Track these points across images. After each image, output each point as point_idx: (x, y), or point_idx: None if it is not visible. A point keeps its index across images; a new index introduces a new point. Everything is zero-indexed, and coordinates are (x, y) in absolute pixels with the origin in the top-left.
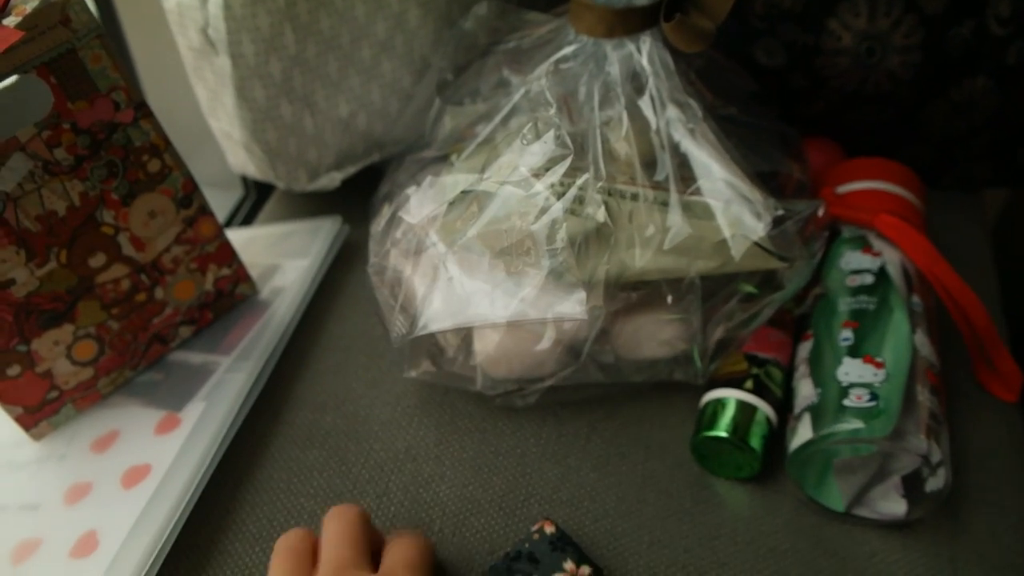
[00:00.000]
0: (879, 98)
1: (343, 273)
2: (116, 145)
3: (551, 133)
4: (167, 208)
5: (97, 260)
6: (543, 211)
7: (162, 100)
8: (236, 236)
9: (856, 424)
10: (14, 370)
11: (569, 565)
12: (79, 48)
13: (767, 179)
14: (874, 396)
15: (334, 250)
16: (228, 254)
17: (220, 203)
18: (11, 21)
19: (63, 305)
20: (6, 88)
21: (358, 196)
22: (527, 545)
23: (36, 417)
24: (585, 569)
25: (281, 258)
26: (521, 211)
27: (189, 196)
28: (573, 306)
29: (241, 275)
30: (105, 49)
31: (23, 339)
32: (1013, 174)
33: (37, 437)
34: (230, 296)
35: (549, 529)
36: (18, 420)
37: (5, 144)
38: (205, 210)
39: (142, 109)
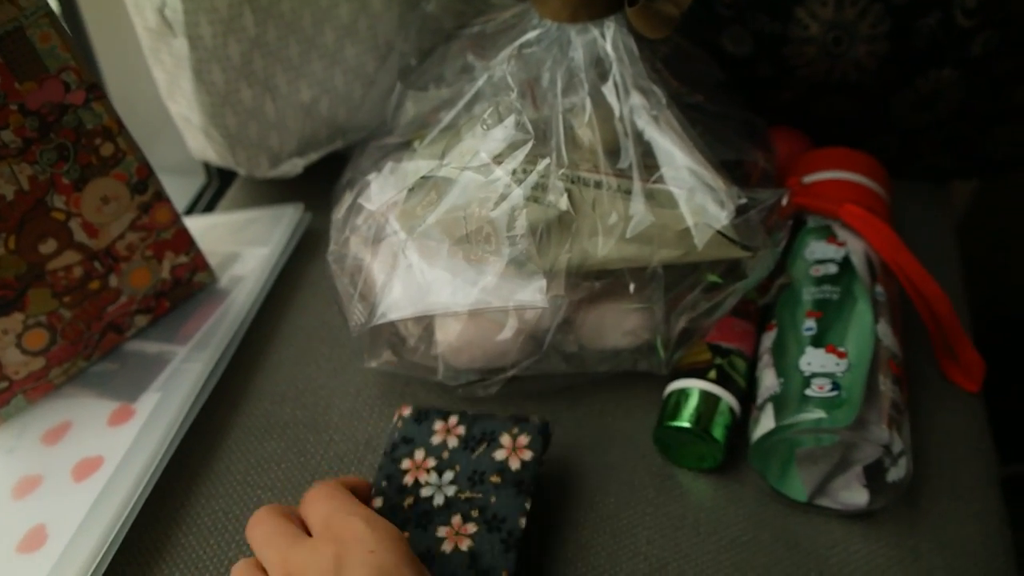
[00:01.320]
0: (846, 88)
1: (304, 261)
2: (67, 127)
3: (512, 118)
4: (121, 193)
5: (48, 246)
6: (503, 197)
7: (121, 83)
8: (195, 223)
9: (818, 414)
10: None
11: (439, 425)
12: (27, 26)
13: (732, 168)
14: (836, 386)
15: (295, 238)
16: (185, 241)
17: (182, 190)
18: None
19: (12, 293)
20: None
21: (321, 183)
22: (396, 434)
23: None
24: (454, 419)
25: (241, 246)
26: (481, 197)
27: (144, 181)
28: (534, 294)
29: (199, 263)
30: (54, 28)
31: None
32: (977, 165)
33: None
34: (187, 284)
35: (407, 412)
36: None
37: None
38: (161, 196)
39: (94, 91)
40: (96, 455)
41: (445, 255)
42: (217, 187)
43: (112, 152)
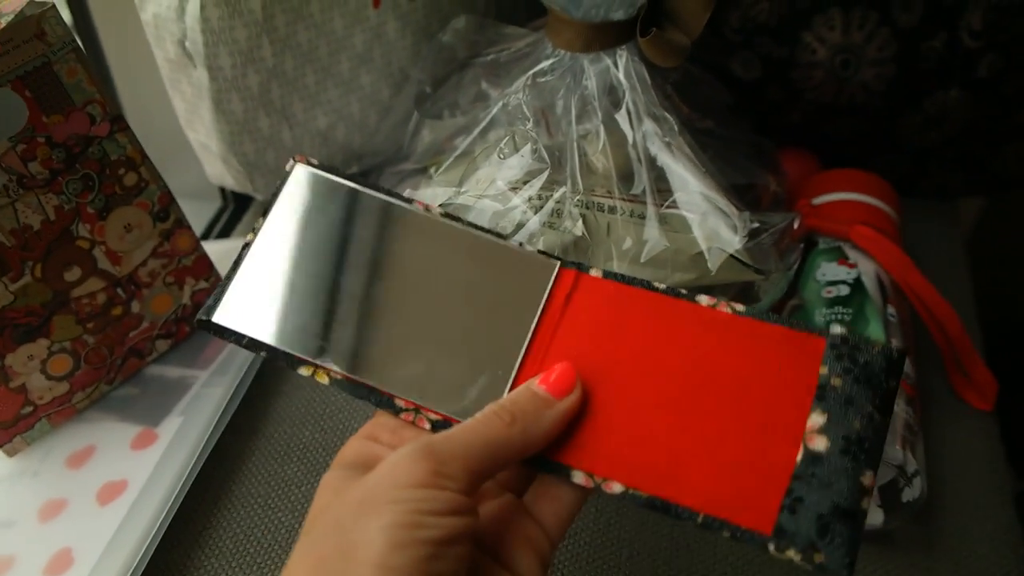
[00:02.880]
0: (854, 109)
1: None
2: (92, 159)
3: (528, 147)
4: (143, 221)
5: (72, 274)
6: (520, 225)
7: (139, 111)
8: (214, 248)
9: None
10: None
11: None
12: (54, 62)
13: (743, 191)
14: None
15: None
16: (205, 267)
17: (198, 214)
18: None
19: (38, 319)
20: None
21: None
22: None
23: (10, 433)
24: None
25: None
26: (499, 224)
27: (166, 209)
28: None
29: None
30: (81, 63)
31: None
32: (985, 183)
33: (11, 453)
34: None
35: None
36: None
37: None
38: (182, 223)
39: (118, 122)
40: (120, 479)
41: None
42: (232, 210)
43: (135, 182)
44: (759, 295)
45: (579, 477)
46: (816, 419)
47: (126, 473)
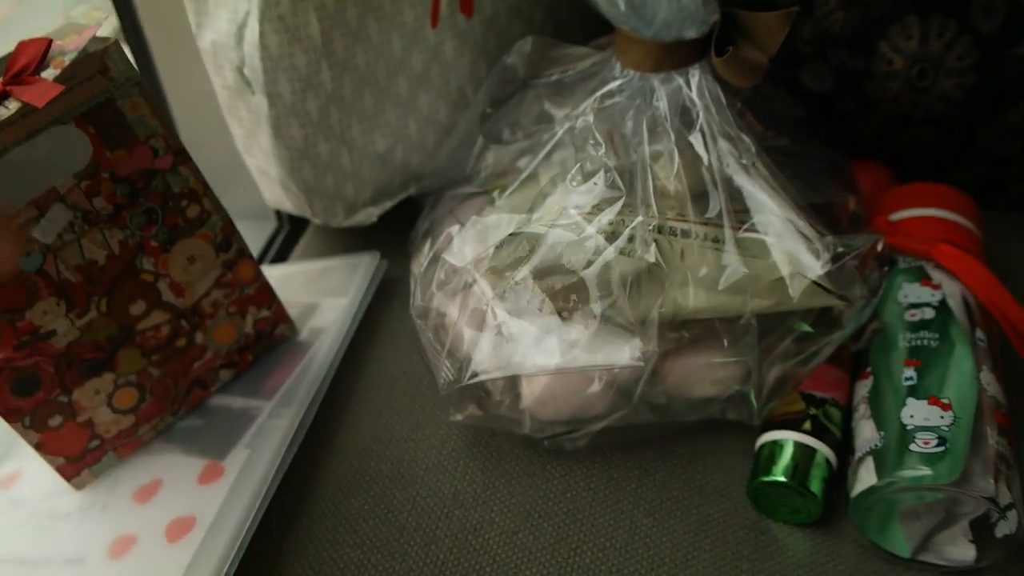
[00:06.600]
0: (931, 121)
1: (381, 310)
2: (155, 192)
3: (601, 174)
4: (206, 252)
5: (137, 307)
6: (595, 252)
7: (192, 134)
8: (273, 273)
9: (923, 471)
10: (55, 421)
11: None
12: (117, 97)
13: (821, 211)
14: (942, 440)
15: (373, 287)
16: (267, 295)
17: (254, 236)
18: (50, 74)
19: (103, 354)
20: (45, 140)
21: (394, 229)
22: None
23: (78, 467)
24: None
25: (320, 296)
26: (572, 254)
27: (228, 239)
28: (629, 352)
29: (280, 316)
30: (143, 96)
31: (64, 390)
32: None
33: (79, 486)
34: (270, 337)
35: None
36: (59, 470)
37: (45, 195)
38: (244, 252)
39: (181, 155)
40: (188, 514)
41: (535, 312)
42: (288, 231)
43: (198, 213)
44: (839, 319)
45: None
46: None
47: (194, 509)
